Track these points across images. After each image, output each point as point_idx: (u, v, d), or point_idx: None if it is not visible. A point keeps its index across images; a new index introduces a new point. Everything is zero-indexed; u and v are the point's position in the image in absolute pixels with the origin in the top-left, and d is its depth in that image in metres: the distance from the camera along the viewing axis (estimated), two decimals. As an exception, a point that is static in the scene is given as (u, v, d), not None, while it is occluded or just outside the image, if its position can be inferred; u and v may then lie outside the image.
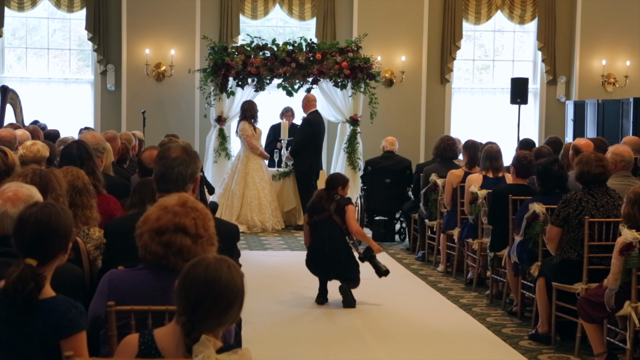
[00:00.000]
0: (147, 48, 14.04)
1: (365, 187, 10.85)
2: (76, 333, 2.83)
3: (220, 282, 2.57)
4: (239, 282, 2.62)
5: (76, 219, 4.10)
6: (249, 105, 11.78)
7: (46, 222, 2.93)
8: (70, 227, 3.03)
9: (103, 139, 6.30)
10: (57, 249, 2.98)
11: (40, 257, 2.90)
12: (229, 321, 2.63)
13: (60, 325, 2.81)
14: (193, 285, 2.58)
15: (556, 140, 9.17)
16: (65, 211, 3.04)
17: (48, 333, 2.81)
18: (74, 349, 2.79)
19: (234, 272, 2.62)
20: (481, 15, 15.07)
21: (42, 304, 2.84)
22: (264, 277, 8.41)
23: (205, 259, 2.64)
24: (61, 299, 2.88)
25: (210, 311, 2.56)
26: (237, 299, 2.61)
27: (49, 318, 2.82)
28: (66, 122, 13.25)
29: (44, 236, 2.92)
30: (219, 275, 2.58)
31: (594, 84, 15.16)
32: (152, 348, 2.65)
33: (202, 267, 2.60)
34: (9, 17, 14.33)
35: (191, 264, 2.64)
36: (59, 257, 3.01)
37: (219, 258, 2.65)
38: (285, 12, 14.70)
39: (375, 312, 7.12)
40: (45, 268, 2.92)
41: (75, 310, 2.85)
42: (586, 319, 5.47)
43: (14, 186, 3.52)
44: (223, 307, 2.58)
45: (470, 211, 7.93)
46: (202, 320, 2.56)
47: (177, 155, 3.83)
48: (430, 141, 10.91)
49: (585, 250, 5.75)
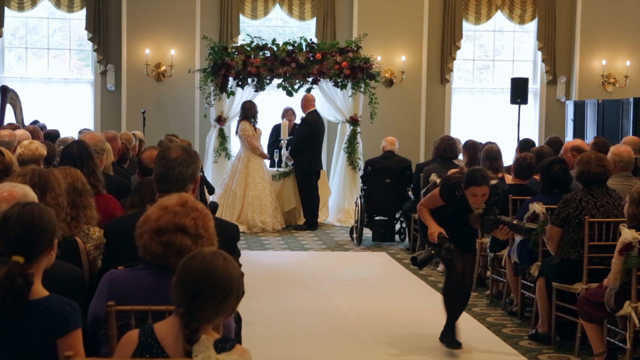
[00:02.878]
0: (147, 48, 14.04)
1: (365, 187, 10.85)
2: (72, 331, 2.83)
3: (216, 273, 2.63)
4: (235, 274, 2.68)
5: (78, 219, 4.11)
6: (249, 105, 11.79)
7: (29, 219, 2.93)
8: (54, 224, 3.01)
9: (103, 139, 6.30)
10: (42, 245, 2.96)
11: (26, 254, 2.90)
12: (226, 312, 2.69)
13: (57, 324, 2.81)
14: (190, 276, 2.64)
15: (556, 140, 9.17)
16: (47, 209, 3.03)
17: (44, 333, 2.81)
18: (70, 346, 2.79)
19: (229, 264, 2.68)
20: (481, 15, 15.07)
21: (36, 304, 2.84)
22: (264, 277, 8.41)
23: (201, 252, 2.70)
24: (55, 297, 2.88)
25: (207, 301, 2.62)
26: (234, 289, 2.67)
27: (44, 317, 2.82)
28: (66, 122, 13.26)
29: (28, 233, 2.91)
30: (214, 266, 2.64)
31: (594, 84, 15.16)
32: (151, 339, 2.68)
33: (199, 260, 2.66)
34: (9, 17, 14.34)
35: (188, 257, 2.70)
36: (45, 255, 2.99)
37: (215, 251, 2.72)
38: (285, 12, 14.70)
39: (375, 312, 7.12)
40: (33, 266, 2.91)
41: (69, 308, 2.85)
42: (586, 318, 5.47)
43: (8, 186, 3.53)
44: (220, 298, 2.63)
45: (470, 211, 7.92)
46: (199, 311, 2.61)
47: (177, 155, 3.83)
48: (430, 141, 10.90)
49: (585, 250, 5.75)
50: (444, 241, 5.71)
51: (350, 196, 12.62)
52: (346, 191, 12.71)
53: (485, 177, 5.69)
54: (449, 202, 5.83)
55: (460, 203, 5.81)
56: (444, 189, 5.88)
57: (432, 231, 5.79)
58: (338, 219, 12.54)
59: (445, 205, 5.86)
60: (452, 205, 5.83)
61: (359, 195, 11.06)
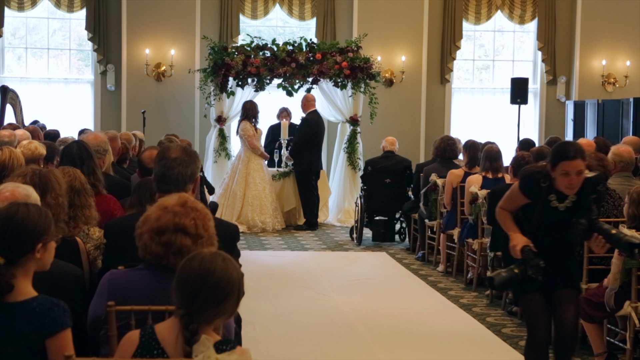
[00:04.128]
0: (147, 48, 14.04)
1: (365, 187, 10.85)
2: (60, 331, 2.81)
3: (215, 274, 2.63)
4: (235, 275, 2.68)
5: (76, 219, 4.10)
6: (250, 105, 11.79)
7: (10, 219, 2.87)
8: (42, 227, 2.91)
9: (106, 140, 6.28)
10: (21, 248, 2.87)
11: (5, 254, 2.84)
12: (226, 313, 2.68)
13: (45, 325, 2.79)
14: (189, 277, 2.64)
15: (556, 140, 9.16)
16: (36, 211, 2.94)
17: (33, 334, 2.79)
18: (60, 347, 2.78)
19: (228, 265, 2.68)
20: (481, 15, 15.07)
21: (24, 305, 2.82)
22: (264, 277, 8.41)
23: (200, 253, 2.70)
24: (43, 298, 2.85)
25: (206, 303, 2.62)
26: (233, 290, 2.66)
27: (32, 318, 2.79)
28: (66, 122, 13.25)
29: (7, 233, 2.86)
30: (213, 267, 2.64)
31: (594, 84, 15.16)
32: (152, 339, 2.68)
33: (197, 261, 2.66)
34: (9, 17, 14.33)
35: (187, 259, 2.70)
36: (29, 258, 2.89)
37: (213, 252, 2.72)
38: (285, 12, 14.70)
39: (375, 312, 7.12)
40: (17, 268, 2.85)
41: (57, 308, 2.82)
42: (586, 319, 5.47)
43: (11, 186, 3.52)
44: (219, 299, 2.63)
45: (470, 211, 7.92)
46: (199, 312, 2.61)
47: (177, 155, 3.83)
48: (430, 141, 10.90)
49: (585, 250, 5.75)
50: (531, 256, 4.35)
51: (350, 196, 12.62)
52: (346, 191, 12.71)
53: (580, 150, 4.46)
54: (534, 198, 4.56)
55: (546, 201, 4.53)
56: (524, 180, 4.63)
57: (514, 243, 4.47)
58: (338, 219, 12.54)
59: (529, 206, 4.62)
60: (539, 202, 4.55)
61: (359, 195, 11.06)
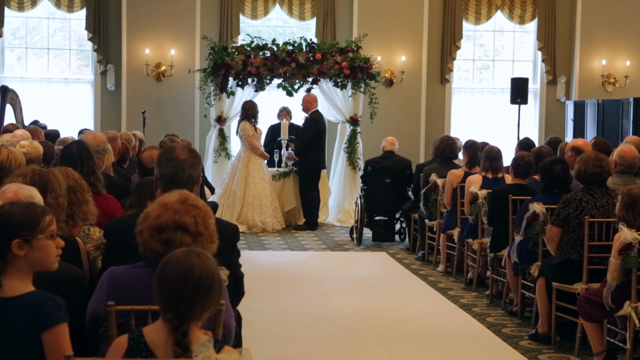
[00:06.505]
0: (147, 48, 14.04)
1: (365, 187, 10.85)
2: (55, 325, 2.83)
3: (194, 272, 2.65)
4: (212, 266, 2.71)
5: (74, 216, 4.09)
6: (250, 105, 11.79)
7: None
8: (21, 224, 2.91)
9: (105, 139, 6.28)
10: (2, 243, 2.89)
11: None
12: (212, 305, 2.71)
13: (39, 318, 2.82)
14: (170, 282, 2.66)
15: (556, 140, 9.17)
16: (18, 209, 2.95)
17: (28, 328, 2.82)
18: (55, 342, 2.80)
19: (204, 259, 2.70)
20: (481, 15, 15.07)
21: (19, 300, 2.85)
22: (264, 277, 8.41)
23: (174, 255, 2.71)
24: (38, 293, 2.89)
25: (193, 302, 2.64)
26: (215, 282, 2.69)
27: (26, 312, 2.83)
28: (66, 122, 13.25)
29: None
30: (191, 265, 2.66)
31: (594, 84, 15.16)
32: (140, 342, 2.69)
33: (174, 263, 2.68)
34: (9, 17, 14.34)
35: (162, 263, 2.71)
36: (13, 255, 2.90)
37: (186, 250, 2.73)
38: (285, 12, 14.70)
39: (375, 312, 7.11)
40: (7, 265, 2.88)
41: (52, 302, 2.85)
42: (586, 318, 5.47)
43: (14, 187, 3.52)
44: (204, 294, 2.66)
45: (470, 211, 7.92)
46: (187, 312, 2.64)
47: (186, 157, 3.81)
48: (430, 141, 10.90)
49: (585, 250, 5.75)
50: None
51: (350, 196, 12.62)
52: (346, 191, 12.71)
53: None
54: None
55: None
56: None
57: None
58: (338, 219, 12.54)
59: None
60: None
61: (359, 195, 11.06)
